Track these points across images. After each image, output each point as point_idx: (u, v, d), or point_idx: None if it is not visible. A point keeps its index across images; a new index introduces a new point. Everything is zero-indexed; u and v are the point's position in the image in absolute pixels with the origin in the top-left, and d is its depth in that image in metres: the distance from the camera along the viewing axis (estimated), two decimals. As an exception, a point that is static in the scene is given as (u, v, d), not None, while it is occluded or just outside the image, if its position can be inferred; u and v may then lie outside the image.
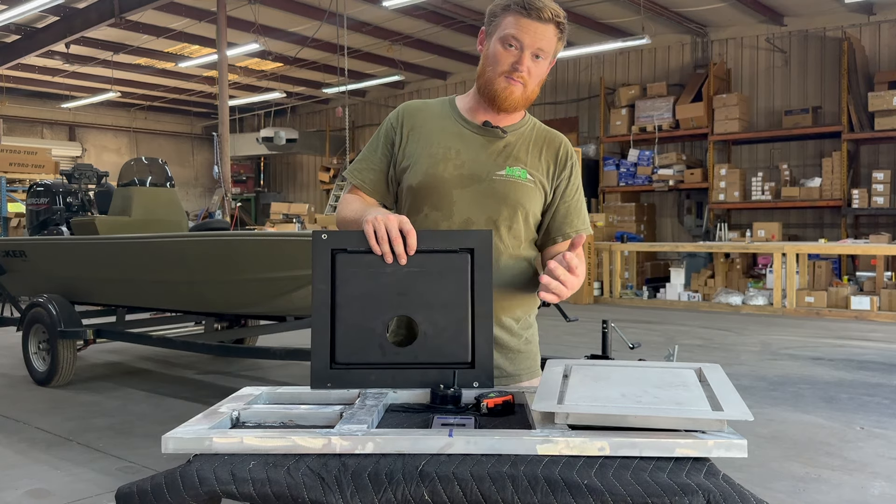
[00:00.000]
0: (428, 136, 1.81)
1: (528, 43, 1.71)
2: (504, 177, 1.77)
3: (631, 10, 12.42)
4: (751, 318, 9.51)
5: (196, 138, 23.10)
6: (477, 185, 1.77)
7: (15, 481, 3.58)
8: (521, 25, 1.70)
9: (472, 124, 1.82)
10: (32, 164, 14.53)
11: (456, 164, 1.77)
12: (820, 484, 3.45)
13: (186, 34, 13.94)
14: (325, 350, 1.59)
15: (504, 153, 1.80)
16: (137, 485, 1.27)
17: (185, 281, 5.07)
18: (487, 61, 1.77)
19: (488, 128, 1.80)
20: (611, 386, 1.43)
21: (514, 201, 1.77)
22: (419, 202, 1.79)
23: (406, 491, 1.20)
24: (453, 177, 1.77)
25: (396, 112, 1.89)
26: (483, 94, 1.78)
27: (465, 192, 1.77)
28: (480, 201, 1.76)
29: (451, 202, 1.77)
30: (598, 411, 1.30)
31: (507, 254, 1.79)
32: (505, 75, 1.73)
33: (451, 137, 1.80)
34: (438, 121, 1.84)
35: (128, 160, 7.05)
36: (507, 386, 1.76)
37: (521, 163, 1.80)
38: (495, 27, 1.75)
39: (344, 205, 1.86)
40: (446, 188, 1.77)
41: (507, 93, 1.74)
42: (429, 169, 1.78)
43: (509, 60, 1.72)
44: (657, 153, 13.46)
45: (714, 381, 1.45)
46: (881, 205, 11.26)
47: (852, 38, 11.81)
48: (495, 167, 1.78)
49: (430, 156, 1.79)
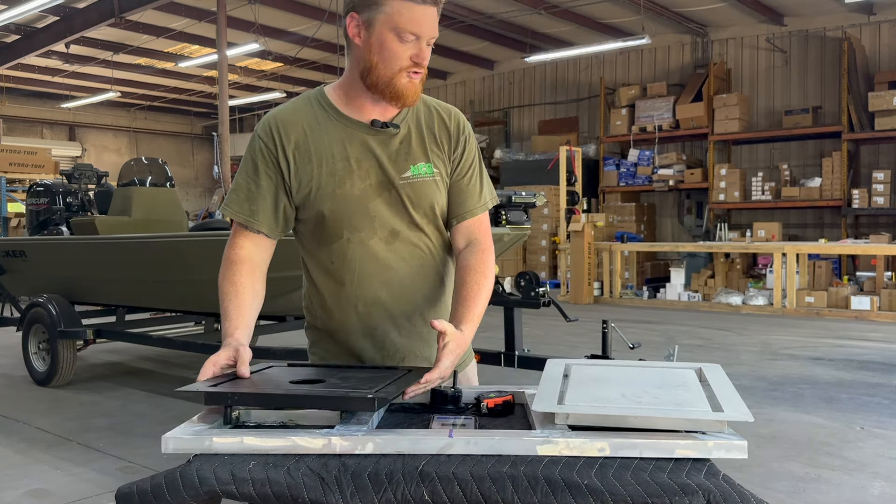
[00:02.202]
0: (318, 153, 1.63)
1: (427, 32, 1.55)
2: (411, 178, 1.65)
3: (631, 10, 12.42)
4: (751, 318, 9.51)
5: (196, 138, 23.10)
6: (388, 193, 1.65)
7: (15, 481, 3.58)
8: (416, 14, 1.53)
9: (360, 124, 1.64)
10: (32, 164, 14.53)
11: (360, 175, 1.63)
12: (820, 484, 3.45)
13: (186, 34, 13.94)
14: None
15: (402, 150, 1.66)
16: (137, 485, 1.27)
17: (185, 281, 5.07)
18: (379, 56, 1.56)
19: (379, 127, 1.64)
20: (611, 386, 1.43)
21: (428, 200, 1.67)
22: (336, 227, 1.65)
23: (406, 491, 1.20)
24: (363, 190, 1.63)
25: (266, 129, 1.66)
26: (379, 92, 1.60)
27: (379, 202, 1.65)
28: (396, 209, 1.66)
29: (370, 217, 1.65)
30: (598, 412, 1.30)
31: (440, 253, 1.74)
32: (406, 71, 1.57)
33: (344, 146, 1.63)
34: (321, 128, 1.64)
35: (128, 160, 7.05)
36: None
37: (422, 155, 1.67)
38: (378, 14, 1.54)
39: (227, 270, 1.64)
40: (361, 205, 1.63)
41: (412, 88, 1.59)
42: (336, 190, 1.62)
43: (407, 55, 1.55)
44: (657, 153, 13.46)
45: (714, 382, 1.45)
46: (881, 205, 11.26)
47: (852, 38, 11.81)
48: (399, 169, 1.65)
49: (332, 174, 1.62)
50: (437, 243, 1.74)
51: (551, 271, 13.47)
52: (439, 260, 1.75)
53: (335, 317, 1.72)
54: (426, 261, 1.72)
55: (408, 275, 1.70)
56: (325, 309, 1.74)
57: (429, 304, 1.74)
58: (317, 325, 1.78)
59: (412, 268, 1.70)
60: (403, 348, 1.73)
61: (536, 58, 13.92)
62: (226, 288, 1.62)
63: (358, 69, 1.61)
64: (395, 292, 1.69)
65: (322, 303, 1.74)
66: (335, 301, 1.71)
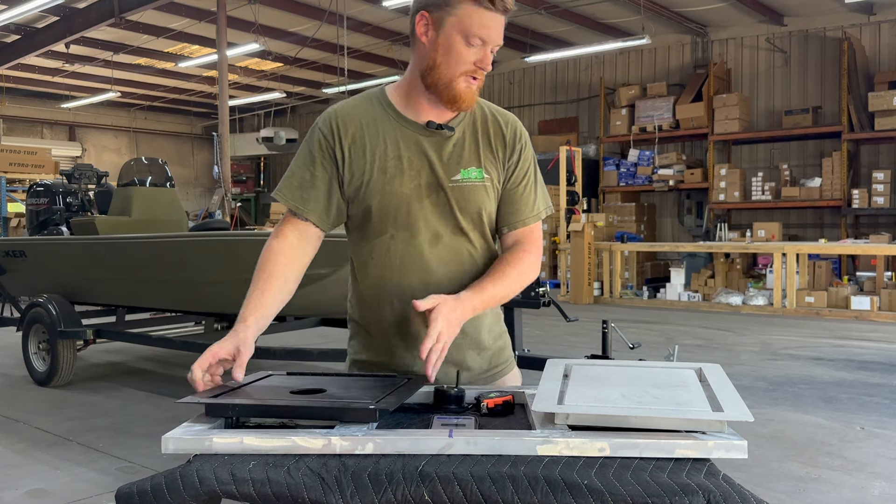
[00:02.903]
0: (373, 148, 1.65)
1: (494, 39, 1.57)
2: (460, 182, 1.65)
3: (631, 10, 12.42)
4: (751, 318, 9.51)
5: (196, 138, 23.10)
6: (436, 195, 1.65)
7: (15, 481, 3.58)
8: (486, 20, 1.54)
9: (415, 125, 1.66)
10: (32, 164, 14.54)
11: (411, 175, 1.64)
12: (820, 484, 3.45)
13: (186, 34, 13.94)
14: None
15: (455, 153, 1.66)
16: (137, 485, 1.27)
17: (185, 281, 5.07)
18: (443, 57, 1.58)
19: (434, 129, 1.65)
20: (611, 386, 1.43)
21: (476, 206, 1.67)
22: (382, 223, 1.67)
23: (406, 491, 1.20)
24: (412, 190, 1.64)
25: (327, 121, 1.68)
26: (437, 93, 1.61)
27: (427, 203, 1.65)
28: (443, 212, 1.66)
29: (415, 218, 1.65)
30: (598, 412, 1.30)
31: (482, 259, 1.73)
32: (467, 75, 1.58)
33: (398, 144, 1.65)
34: (378, 125, 1.67)
35: (128, 160, 7.05)
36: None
37: (473, 161, 1.67)
38: (449, 16, 1.55)
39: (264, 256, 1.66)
40: (408, 203, 1.64)
41: (469, 93, 1.60)
42: (385, 186, 1.64)
43: (471, 59, 1.57)
44: (657, 153, 13.46)
45: (714, 382, 1.45)
46: (881, 205, 11.26)
47: (852, 38, 11.81)
48: (450, 172, 1.65)
49: (384, 171, 1.64)
50: (480, 251, 1.73)
51: (551, 271, 13.47)
52: (481, 267, 1.73)
53: (371, 311, 1.73)
54: (466, 267, 1.71)
55: (446, 278, 1.69)
56: (362, 303, 1.75)
57: None
58: (355, 319, 1.79)
59: (451, 272, 1.69)
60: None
61: (536, 58, 13.92)
62: (256, 274, 1.64)
63: (420, 68, 1.63)
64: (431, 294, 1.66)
65: (360, 296, 1.75)
66: (372, 296, 1.72)
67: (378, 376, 1.62)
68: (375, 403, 1.34)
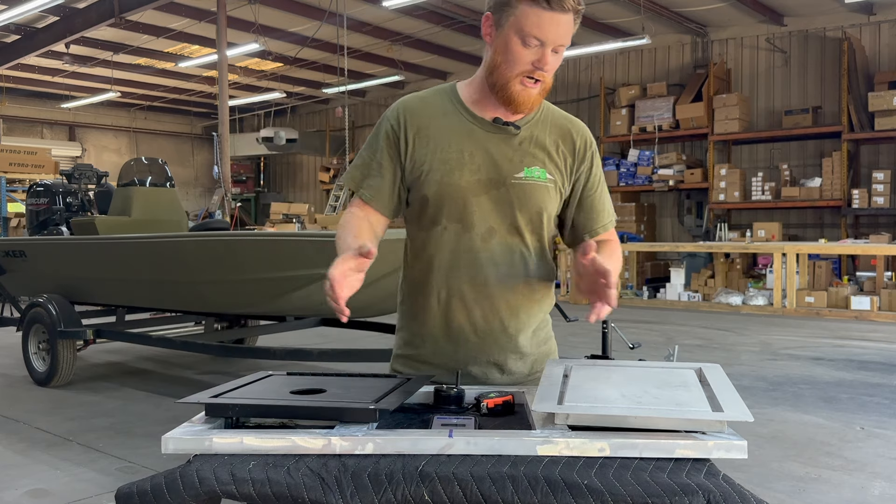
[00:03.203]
0: (437, 139, 1.66)
1: (552, 39, 1.53)
2: (523, 179, 1.65)
3: (631, 10, 12.42)
4: (751, 318, 9.51)
5: (196, 138, 23.10)
6: (495, 190, 1.65)
7: (15, 481, 3.57)
8: (544, 20, 1.51)
9: (482, 121, 1.67)
10: (32, 164, 14.54)
11: (471, 168, 1.64)
12: (820, 484, 3.45)
13: (186, 34, 13.94)
14: None
15: (520, 151, 1.67)
16: (137, 485, 1.27)
17: (185, 281, 5.07)
18: (502, 58, 1.58)
19: (501, 125, 1.66)
20: (611, 386, 1.43)
21: (536, 205, 1.67)
22: (436, 214, 1.67)
23: (406, 491, 1.20)
24: (470, 183, 1.64)
25: (395, 112, 1.70)
26: (496, 94, 1.63)
27: (484, 198, 1.65)
28: (501, 208, 1.66)
29: (470, 212, 1.66)
30: (598, 412, 1.30)
31: (533, 259, 1.73)
32: (524, 76, 1.57)
33: (462, 138, 1.66)
34: (445, 119, 1.68)
35: (128, 160, 7.05)
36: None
37: (538, 160, 1.67)
38: (509, 17, 1.54)
39: (343, 227, 1.68)
40: (464, 197, 1.65)
41: (525, 96, 1.59)
42: (444, 177, 1.64)
43: (529, 59, 1.56)
44: (657, 153, 13.45)
45: (714, 382, 1.45)
46: (881, 205, 11.26)
47: (852, 38, 11.81)
48: (513, 169, 1.65)
49: (444, 162, 1.65)
50: (534, 252, 1.73)
51: (551, 271, 13.45)
52: (531, 269, 1.73)
53: (418, 301, 1.74)
54: (517, 267, 1.71)
55: (494, 276, 1.69)
56: (411, 290, 1.77)
57: (510, 310, 1.71)
58: (404, 306, 1.81)
59: (501, 270, 1.69)
60: (475, 348, 1.71)
61: (536, 58, 13.91)
62: (341, 232, 1.65)
63: (485, 68, 1.64)
64: (478, 290, 1.67)
65: (410, 283, 1.77)
66: (420, 285, 1.73)
67: (378, 376, 1.62)
68: (375, 403, 1.34)
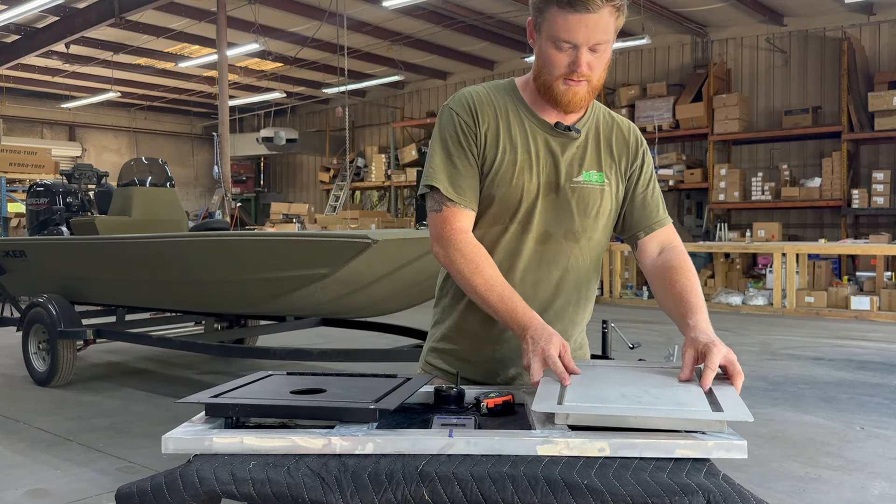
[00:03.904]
0: (507, 139, 1.65)
1: (583, 40, 1.52)
2: (582, 184, 1.66)
3: (631, 10, 12.39)
4: (751, 318, 9.51)
5: (196, 138, 23.10)
6: (555, 194, 1.66)
7: (15, 481, 3.57)
8: (571, 23, 1.51)
9: (544, 123, 1.67)
10: (32, 164, 14.54)
11: (538, 171, 1.65)
12: (820, 484, 3.45)
13: (186, 34, 13.94)
14: None
15: (578, 155, 1.68)
16: (137, 485, 1.27)
17: (185, 281, 5.07)
18: (541, 62, 1.60)
19: (562, 130, 1.66)
20: (611, 386, 1.43)
21: (594, 210, 1.68)
22: (500, 213, 1.67)
23: (406, 491, 1.20)
24: (535, 186, 1.65)
25: (465, 106, 1.66)
26: (543, 96, 1.64)
27: (545, 202, 1.66)
28: (559, 213, 1.67)
29: (531, 214, 1.66)
30: (597, 412, 1.30)
31: (584, 265, 1.72)
32: (563, 79, 1.58)
33: (528, 140, 1.66)
34: (510, 118, 1.67)
35: (128, 160, 7.06)
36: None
37: (596, 164, 1.69)
38: (543, 22, 1.56)
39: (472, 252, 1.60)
40: (529, 199, 1.65)
41: (570, 95, 1.59)
42: (512, 179, 1.64)
43: (564, 62, 1.56)
44: (657, 153, 13.45)
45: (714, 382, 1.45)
46: (881, 205, 11.26)
47: (852, 38, 11.81)
48: (572, 172, 1.66)
49: (513, 163, 1.64)
50: (587, 258, 1.73)
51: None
52: (581, 275, 1.73)
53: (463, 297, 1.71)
54: (569, 273, 1.71)
55: (545, 280, 1.69)
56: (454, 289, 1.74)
57: (557, 316, 1.71)
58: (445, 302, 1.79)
59: (552, 275, 1.70)
60: (516, 350, 1.66)
61: (536, 58, 13.91)
62: (487, 274, 1.59)
63: (533, 72, 1.66)
64: (526, 293, 1.65)
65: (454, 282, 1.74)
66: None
67: (378, 376, 1.62)
68: (375, 403, 1.34)
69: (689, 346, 1.46)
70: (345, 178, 18.33)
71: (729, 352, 1.43)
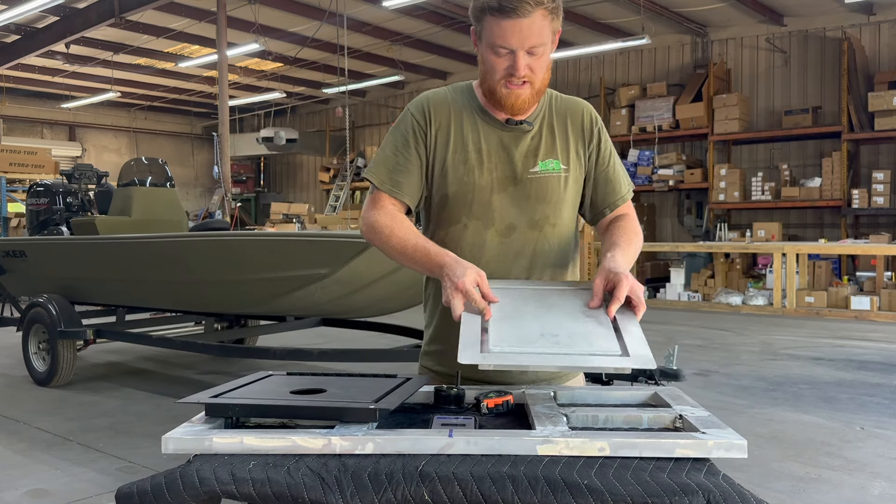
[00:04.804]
0: (457, 138, 1.71)
1: (518, 45, 1.58)
2: (539, 174, 1.70)
3: (631, 10, 12.42)
4: (751, 318, 9.51)
5: (196, 138, 23.10)
6: (513, 187, 1.70)
7: (15, 481, 3.58)
8: (504, 29, 1.56)
9: (496, 120, 1.72)
10: (32, 164, 14.54)
11: (489, 167, 1.69)
12: (820, 484, 3.45)
13: (186, 34, 13.94)
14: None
15: (532, 146, 1.72)
16: (137, 485, 1.27)
17: (185, 281, 5.08)
18: (484, 68, 1.66)
19: (514, 125, 1.71)
20: (530, 321, 1.46)
21: (555, 198, 1.72)
22: (456, 212, 1.71)
23: (406, 491, 1.20)
24: (489, 182, 1.69)
25: (420, 107, 1.74)
26: (490, 101, 1.69)
27: (504, 195, 1.70)
28: (520, 204, 1.70)
29: (490, 209, 1.70)
30: (519, 362, 1.37)
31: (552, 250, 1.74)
32: (504, 82, 1.63)
33: (479, 138, 1.71)
34: (463, 118, 1.73)
35: (128, 160, 7.06)
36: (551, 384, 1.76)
37: (552, 152, 1.72)
38: (481, 30, 1.62)
39: (381, 217, 1.67)
40: (484, 195, 1.69)
41: (513, 98, 1.64)
42: (464, 176, 1.69)
43: (503, 67, 1.61)
44: (657, 153, 13.45)
45: (620, 311, 1.49)
46: (881, 205, 11.26)
47: (852, 38, 11.81)
48: (528, 164, 1.70)
49: (463, 161, 1.69)
50: (554, 244, 1.75)
51: (551, 271, 13.44)
52: (551, 260, 1.75)
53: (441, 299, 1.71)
54: (537, 260, 1.73)
55: (513, 271, 1.72)
56: (435, 290, 1.78)
57: None
58: (429, 305, 1.83)
59: (520, 264, 1.72)
60: None
61: (536, 58, 13.90)
62: (401, 232, 1.64)
63: (479, 77, 1.71)
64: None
65: (434, 283, 1.78)
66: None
67: (378, 376, 1.62)
68: (375, 403, 1.34)
69: (600, 275, 1.53)
70: (345, 178, 18.34)
71: (635, 284, 1.49)
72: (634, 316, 1.47)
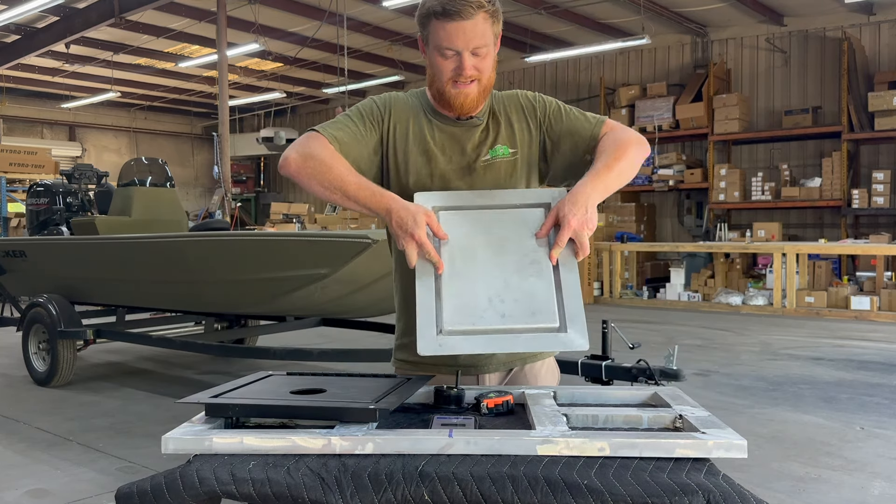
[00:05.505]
0: (413, 134, 1.80)
1: (463, 45, 1.66)
2: (490, 160, 1.79)
3: (631, 10, 12.42)
4: (751, 318, 9.51)
5: (196, 138, 23.10)
6: (469, 176, 1.79)
7: (15, 481, 3.58)
8: (449, 31, 1.65)
9: (447, 118, 1.81)
10: (32, 164, 14.54)
11: (445, 158, 1.79)
12: (820, 484, 3.45)
13: (186, 34, 13.93)
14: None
15: (482, 137, 1.81)
16: (137, 485, 1.27)
17: (185, 281, 5.07)
18: (432, 71, 1.74)
19: (464, 120, 1.80)
20: (476, 281, 1.52)
21: (510, 179, 1.80)
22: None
23: (406, 491, 1.20)
24: (447, 171, 1.79)
25: (382, 99, 1.85)
26: (439, 103, 1.77)
27: (461, 184, 1.78)
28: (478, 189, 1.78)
29: None
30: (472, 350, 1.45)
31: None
32: (452, 82, 1.71)
33: (434, 133, 1.80)
34: (420, 117, 1.83)
35: (128, 160, 7.06)
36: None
37: (501, 140, 1.81)
38: (428, 34, 1.70)
39: (322, 150, 1.66)
40: (442, 184, 1.78)
41: (462, 98, 1.72)
42: (422, 168, 1.78)
43: (450, 68, 1.69)
44: (657, 153, 13.45)
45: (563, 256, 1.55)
46: (881, 205, 11.26)
47: (852, 38, 11.81)
48: (480, 153, 1.79)
49: (423, 153, 1.79)
50: None
51: (551, 271, 13.43)
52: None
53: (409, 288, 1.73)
54: None
55: None
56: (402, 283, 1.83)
57: None
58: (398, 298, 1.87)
59: None
60: None
61: (536, 58, 13.91)
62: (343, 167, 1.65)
63: (427, 82, 1.80)
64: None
65: (401, 276, 1.83)
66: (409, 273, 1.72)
67: (378, 376, 1.62)
68: (375, 403, 1.34)
69: (553, 211, 1.58)
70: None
71: (579, 226, 1.54)
72: (575, 260, 1.56)
